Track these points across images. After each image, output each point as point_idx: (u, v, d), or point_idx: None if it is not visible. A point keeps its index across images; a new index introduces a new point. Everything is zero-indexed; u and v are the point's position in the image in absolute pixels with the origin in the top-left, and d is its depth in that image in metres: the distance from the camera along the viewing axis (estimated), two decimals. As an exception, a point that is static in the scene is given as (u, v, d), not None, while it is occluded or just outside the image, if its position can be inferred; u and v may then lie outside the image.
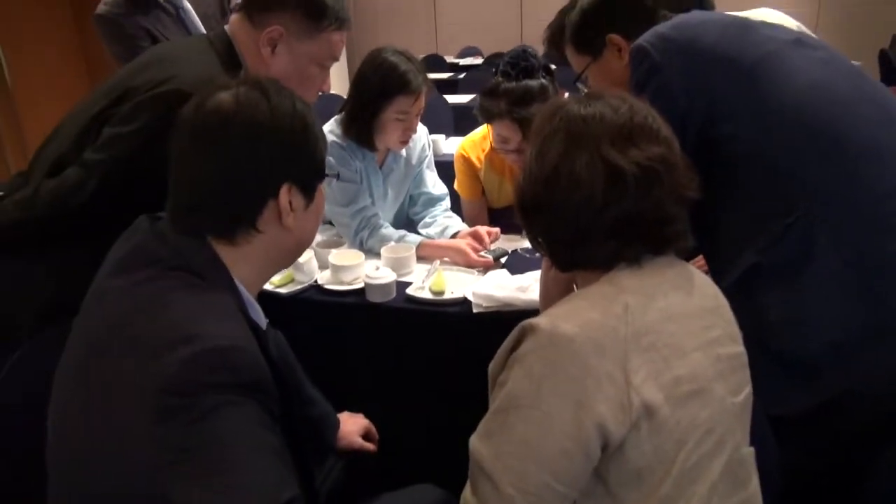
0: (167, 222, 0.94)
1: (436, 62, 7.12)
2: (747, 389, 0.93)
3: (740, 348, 0.94)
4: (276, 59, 1.40)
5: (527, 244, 1.96)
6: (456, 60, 7.69)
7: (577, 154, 0.90)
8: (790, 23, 1.41)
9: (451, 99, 4.72)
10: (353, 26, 1.49)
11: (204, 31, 2.26)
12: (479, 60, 7.67)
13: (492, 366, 0.92)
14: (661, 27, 1.17)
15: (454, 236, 1.96)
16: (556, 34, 1.40)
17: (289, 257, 1.03)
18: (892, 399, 1.01)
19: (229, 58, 1.40)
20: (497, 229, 1.94)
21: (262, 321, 0.99)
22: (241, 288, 0.94)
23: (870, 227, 1.01)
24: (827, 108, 1.06)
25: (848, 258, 1.02)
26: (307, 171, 0.97)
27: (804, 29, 1.40)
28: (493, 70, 1.99)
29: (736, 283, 1.11)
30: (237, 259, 0.93)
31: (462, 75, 6.11)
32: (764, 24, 1.19)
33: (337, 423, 1.46)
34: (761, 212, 1.09)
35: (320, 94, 1.51)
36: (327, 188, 1.02)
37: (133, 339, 0.81)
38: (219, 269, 0.90)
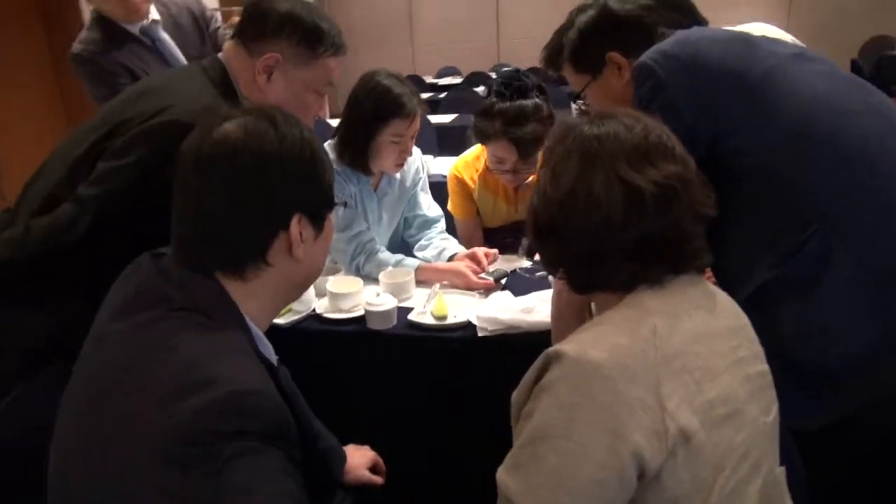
0: (171, 259, 0.90)
1: (415, 83, 7.13)
2: (776, 408, 0.91)
3: (765, 366, 0.92)
4: (272, 86, 1.38)
5: (525, 264, 1.94)
6: (435, 80, 7.73)
7: (594, 175, 0.89)
8: (786, 37, 1.42)
9: (434, 119, 4.73)
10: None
11: (184, 60, 2.20)
12: (458, 80, 7.72)
13: (515, 396, 0.89)
14: (664, 44, 1.16)
15: (451, 259, 1.94)
16: (554, 54, 1.39)
17: (299, 289, 1.00)
18: None
19: (224, 86, 1.37)
20: (495, 250, 1.92)
21: (273, 357, 0.96)
22: (251, 324, 0.90)
23: (883, 239, 1.01)
24: (832, 119, 1.06)
25: (862, 270, 1.01)
26: (317, 200, 0.95)
27: (798, 43, 1.41)
28: (487, 92, 1.98)
29: (750, 299, 1.09)
30: (246, 294, 0.90)
31: (443, 95, 6.14)
32: (765, 38, 1.19)
33: (343, 457, 1.41)
34: (772, 227, 1.09)
35: (316, 119, 1.49)
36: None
37: (139, 386, 0.77)
38: (228, 306, 0.87)
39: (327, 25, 1.39)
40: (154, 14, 2.16)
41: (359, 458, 1.44)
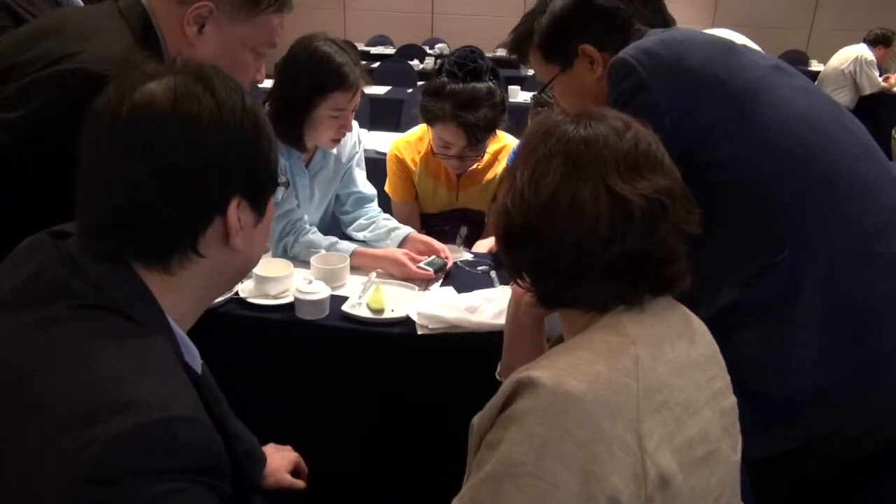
0: (77, 243, 0.74)
1: (346, 48, 6.88)
2: (741, 444, 0.87)
3: (734, 398, 0.88)
4: (203, 40, 1.19)
5: (465, 255, 1.86)
6: (367, 49, 7.49)
7: (580, 182, 0.80)
8: (753, 45, 1.39)
9: (366, 90, 4.54)
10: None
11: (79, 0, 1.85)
12: (390, 50, 7.52)
13: (477, 421, 0.81)
14: (646, 42, 1.09)
15: (404, 240, 1.81)
16: (522, 39, 1.29)
17: (231, 282, 0.87)
18: (868, 442, 0.99)
19: (145, 35, 1.18)
20: (449, 253, 1.78)
21: (198, 363, 0.82)
22: (174, 325, 0.76)
23: (856, 267, 0.99)
24: (812, 139, 1.03)
25: (833, 298, 0.99)
26: (260, 181, 0.81)
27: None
28: (437, 70, 1.86)
29: (712, 318, 1.05)
30: (170, 289, 0.76)
31: (375, 65, 5.94)
32: (745, 47, 1.14)
33: (263, 459, 1.29)
34: (743, 245, 1.05)
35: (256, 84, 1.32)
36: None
37: (34, 404, 0.62)
38: (150, 305, 0.73)
39: None
40: None
41: (279, 460, 1.32)
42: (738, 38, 1.39)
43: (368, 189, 2.02)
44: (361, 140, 2.03)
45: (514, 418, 0.74)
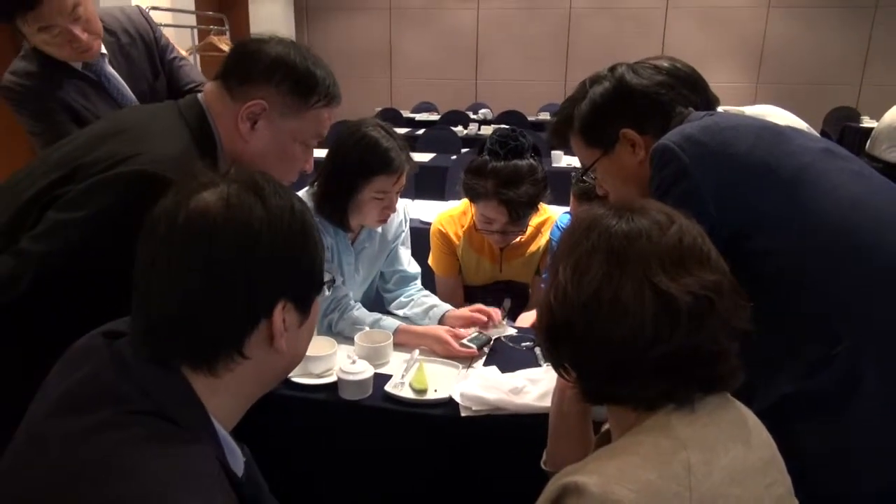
0: (128, 346, 0.77)
1: (392, 116, 7.09)
2: None
3: (797, 502, 0.83)
4: (255, 135, 1.25)
5: (509, 331, 1.84)
6: (412, 115, 7.70)
7: (623, 279, 0.79)
8: (799, 123, 1.37)
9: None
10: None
11: (133, 98, 1.89)
12: (435, 116, 7.71)
13: (521, 527, 0.78)
14: (689, 129, 1.09)
15: (443, 318, 1.81)
16: (563, 124, 1.31)
17: (275, 381, 0.87)
18: None
19: (201, 131, 1.24)
20: (499, 312, 1.78)
21: (240, 465, 0.82)
22: (218, 427, 0.77)
23: None
24: (872, 229, 0.99)
25: None
26: (305, 283, 0.82)
27: (813, 131, 1.36)
28: (479, 150, 1.89)
29: (769, 409, 1.00)
30: (215, 391, 0.77)
31: (420, 131, 6.09)
32: (791, 129, 1.13)
33: (305, 547, 1.27)
34: (797, 335, 1.01)
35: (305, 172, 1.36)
36: None
37: None
38: (196, 409, 0.74)
39: (321, 73, 1.28)
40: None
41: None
42: (783, 117, 1.37)
43: (413, 268, 2.04)
44: (407, 218, 2.06)
45: (559, 528, 0.71)
